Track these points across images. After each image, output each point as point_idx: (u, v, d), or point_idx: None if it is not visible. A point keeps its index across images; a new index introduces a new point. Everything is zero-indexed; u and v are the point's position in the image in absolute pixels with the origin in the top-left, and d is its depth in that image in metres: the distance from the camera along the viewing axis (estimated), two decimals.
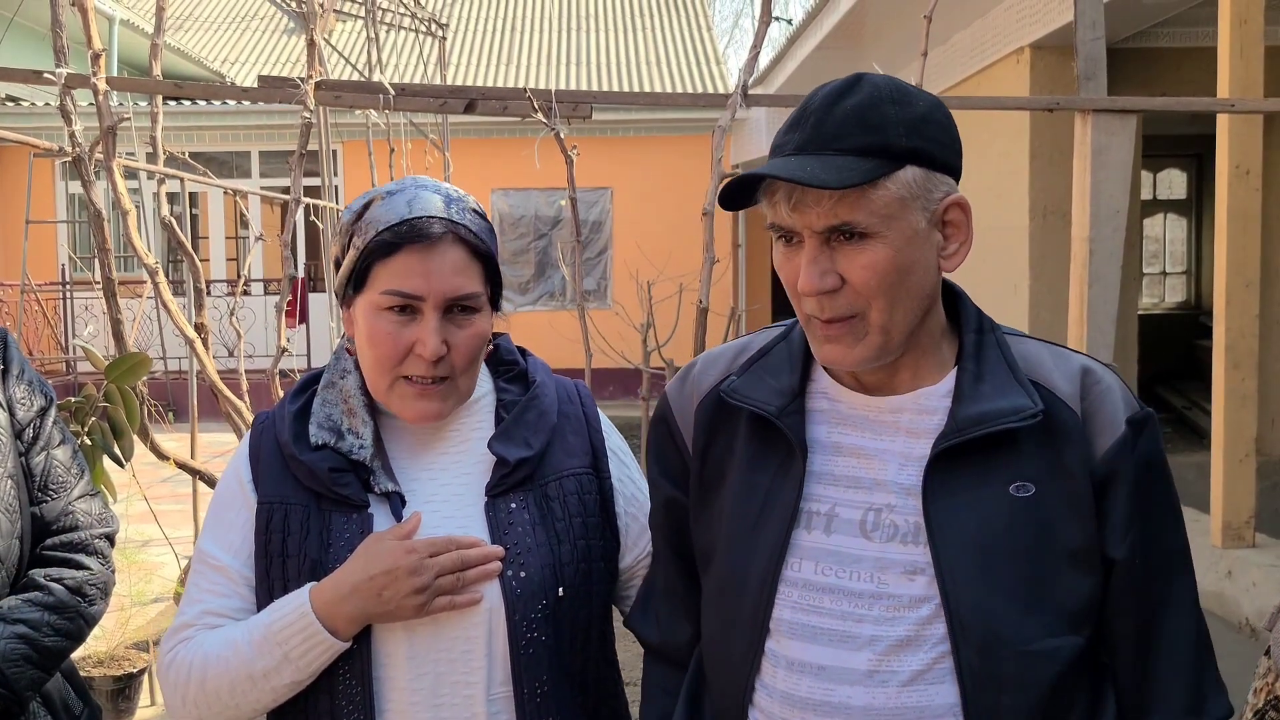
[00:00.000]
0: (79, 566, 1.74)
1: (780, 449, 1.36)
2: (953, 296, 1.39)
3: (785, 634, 1.32)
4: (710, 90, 15.86)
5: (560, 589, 1.51)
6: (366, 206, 1.53)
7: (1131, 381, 9.04)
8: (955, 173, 1.31)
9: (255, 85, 2.78)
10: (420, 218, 1.49)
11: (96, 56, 2.62)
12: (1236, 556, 5.93)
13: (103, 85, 2.62)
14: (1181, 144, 12.64)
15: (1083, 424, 1.30)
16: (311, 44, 2.82)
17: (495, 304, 1.58)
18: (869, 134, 1.25)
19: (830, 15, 10.24)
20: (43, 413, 1.77)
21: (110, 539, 1.81)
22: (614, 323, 9.71)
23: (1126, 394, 1.34)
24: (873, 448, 1.34)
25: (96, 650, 4.54)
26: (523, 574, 1.49)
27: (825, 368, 1.40)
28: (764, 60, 14.44)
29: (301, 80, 2.66)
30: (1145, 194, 14.03)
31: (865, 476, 1.33)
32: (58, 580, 1.70)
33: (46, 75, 2.62)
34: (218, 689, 1.48)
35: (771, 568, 1.33)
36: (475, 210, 1.55)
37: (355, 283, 1.52)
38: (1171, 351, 12.20)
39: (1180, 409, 11.06)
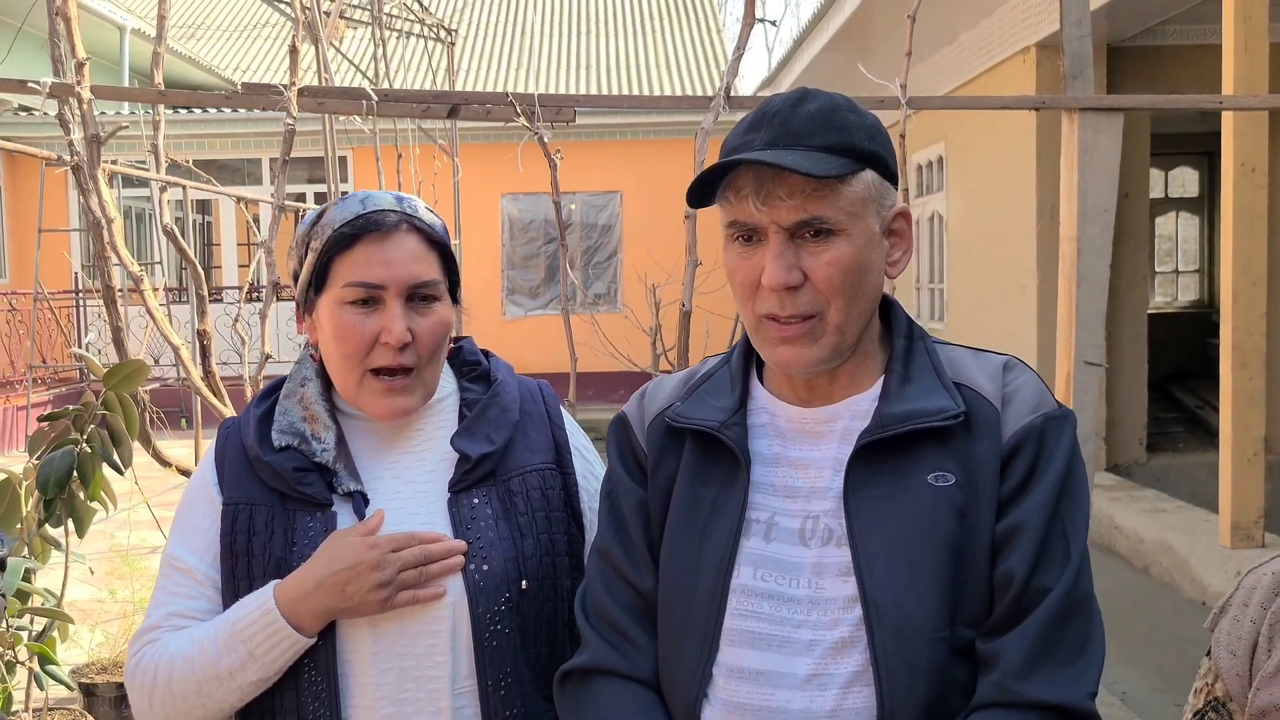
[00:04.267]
0: None
1: (724, 462, 1.38)
2: (885, 305, 1.42)
3: (727, 641, 1.32)
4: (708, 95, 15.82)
5: (524, 581, 1.53)
6: (320, 216, 1.57)
7: (1142, 380, 9.00)
8: (896, 186, 1.36)
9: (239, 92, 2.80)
10: (374, 211, 1.53)
11: (80, 65, 2.63)
12: (1245, 557, 5.89)
13: (86, 94, 2.64)
14: (1193, 141, 12.58)
15: (999, 414, 1.32)
16: (294, 51, 2.83)
17: (454, 295, 1.60)
18: (836, 134, 1.29)
19: (836, 17, 10.23)
20: None
21: (1, 563, 1.81)
22: (624, 326, 9.71)
23: (1044, 390, 1.36)
24: (810, 457, 1.36)
25: (101, 657, 4.56)
26: (485, 567, 1.51)
27: (763, 384, 1.42)
28: (773, 62, 14.41)
29: (284, 87, 2.67)
30: (1157, 192, 13.96)
31: (803, 485, 1.35)
32: None
33: (31, 85, 2.64)
34: (184, 690, 1.49)
35: (721, 578, 1.33)
36: (427, 208, 1.59)
37: (316, 283, 1.54)
38: (1184, 350, 12.14)
39: (1193, 408, 10.99)
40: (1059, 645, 1.25)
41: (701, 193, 1.33)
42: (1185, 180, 14.66)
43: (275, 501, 1.54)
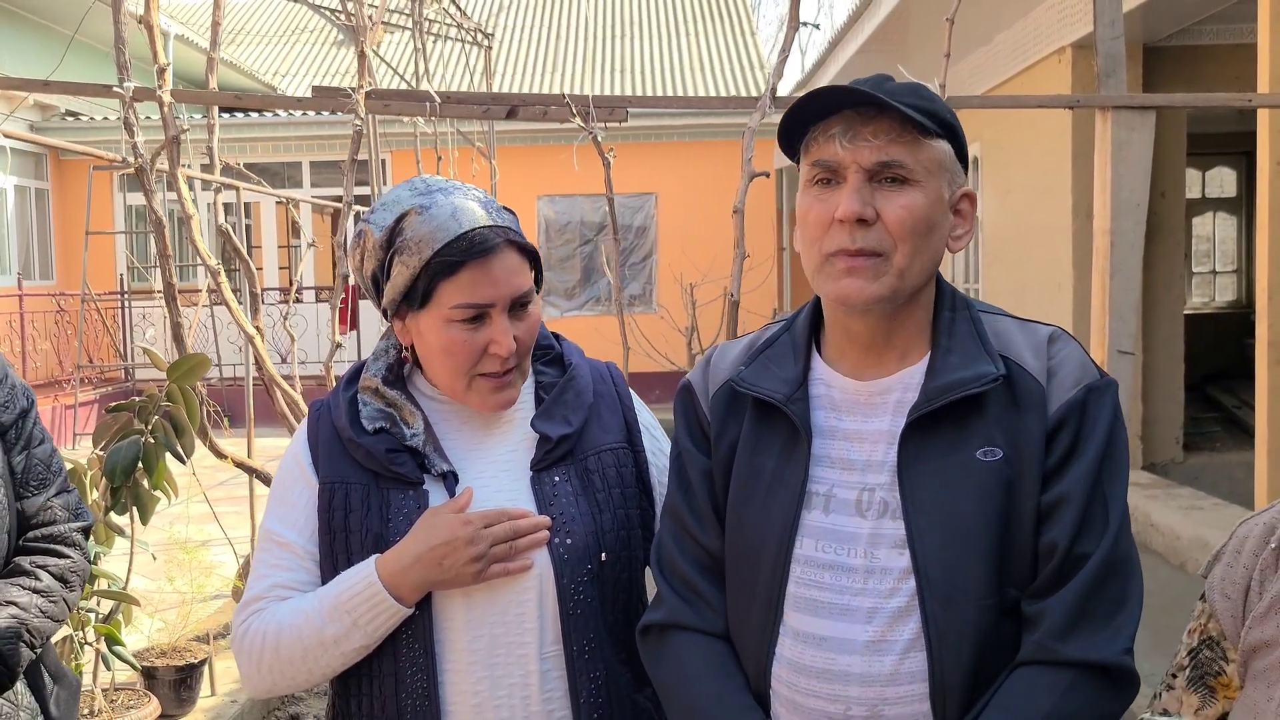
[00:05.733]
0: (61, 556, 1.88)
1: (782, 433, 1.46)
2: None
3: (791, 607, 1.42)
4: (754, 95, 15.89)
5: (603, 554, 1.63)
6: (400, 221, 1.60)
7: (1179, 380, 9.00)
8: (965, 171, 1.45)
9: (309, 96, 2.94)
10: (472, 230, 1.58)
11: (161, 71, 2.78)
12: None
13: (167, 98, 2.78)
14: (1230, 141, 12.53)
15: (1044, 389, 1.39)
16: (362, 56, 2.97)
17: (538, 286, 1.70)
18: (923, 100, 1.39)
19: (871, 19, 10.29)
20: (24, 415, 1.89)
21: (86, 532, 1.95)
22: (659, 326, 9.83)
23: (1087, 362, 1.43)
24: (865, 430, 1.44)
25: (160, 642, 4.71)
26: (569, 541, 1.61)
27: (820, 356, 1.50)
28: (807, 64, 14.48)
29: (352, 90, 2.81)
30: (1194, 192, 13.90)
31: (859, 458, 1.43)
32: (43, 567, 1.85)
33: (115, 90, 2.78)
34: (291, 655, 1.60)
35: (784, 548, 1.43)
36: (505, 208, 1.67)
37: (420, 300, 1.60)
38: (1223, 351, 12.10)
39: (1231, 409, 10.97)
40: (1097, 606, 1.34)
41: (790, 135, 1.42)
42: (1223, 180, 14.60)
43: (369, 480, 1.63)
